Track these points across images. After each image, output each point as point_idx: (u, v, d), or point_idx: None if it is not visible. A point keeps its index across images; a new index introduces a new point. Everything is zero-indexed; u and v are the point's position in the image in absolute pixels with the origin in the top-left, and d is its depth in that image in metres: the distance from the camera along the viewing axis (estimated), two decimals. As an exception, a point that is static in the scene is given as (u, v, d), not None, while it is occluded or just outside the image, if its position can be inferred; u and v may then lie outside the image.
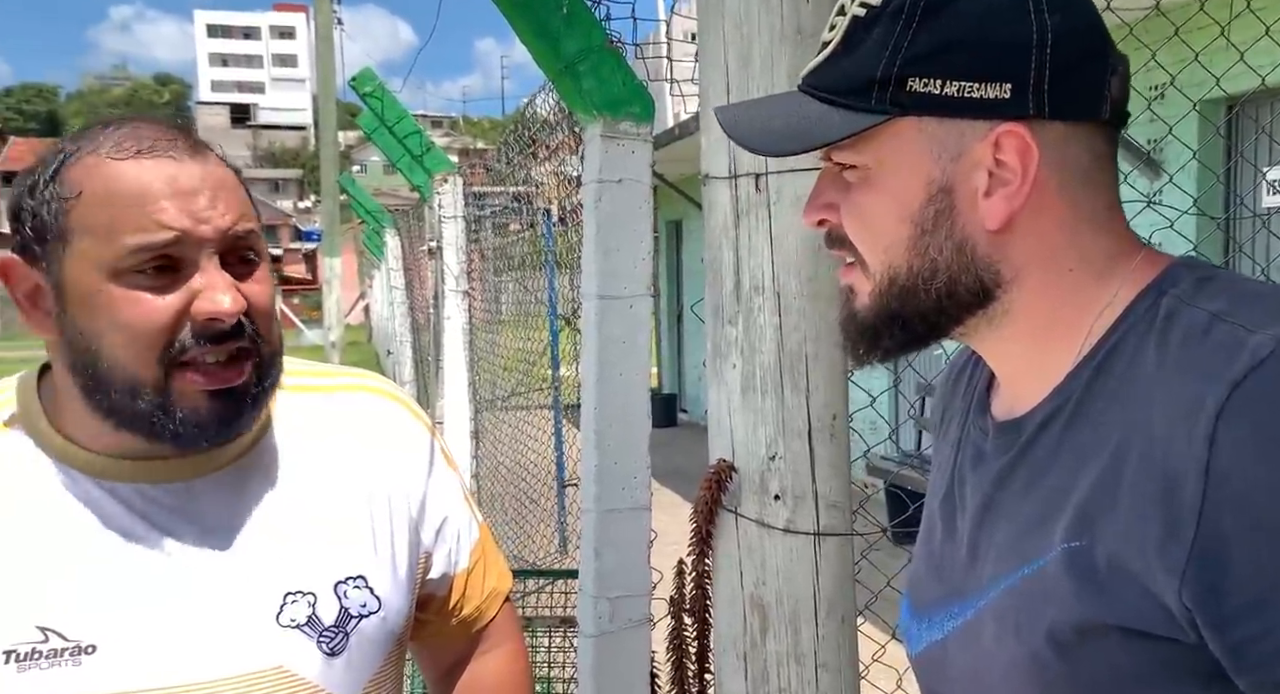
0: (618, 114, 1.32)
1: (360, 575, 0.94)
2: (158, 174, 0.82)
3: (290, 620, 0.89)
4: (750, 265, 1.27)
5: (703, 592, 1.29)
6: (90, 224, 0.81)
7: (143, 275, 0.82)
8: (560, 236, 4.82)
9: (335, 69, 14.63)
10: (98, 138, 0.84)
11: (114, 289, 0.81)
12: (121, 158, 0.82)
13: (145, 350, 0.82)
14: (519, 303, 5.32)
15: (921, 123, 0.68)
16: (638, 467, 1.36)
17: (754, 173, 1.26)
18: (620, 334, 1.34)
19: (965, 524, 0.75)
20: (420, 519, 1.02)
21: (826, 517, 1.23)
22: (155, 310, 0.82)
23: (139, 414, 0.83)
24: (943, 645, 0.74)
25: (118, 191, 0.81)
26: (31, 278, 0.85)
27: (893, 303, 0.71)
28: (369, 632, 0.93)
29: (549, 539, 4.04)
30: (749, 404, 1.26)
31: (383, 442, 1.02)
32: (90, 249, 0.81)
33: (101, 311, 0.82)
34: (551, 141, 4.42)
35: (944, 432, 0.85)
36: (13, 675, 0.81)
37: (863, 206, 0.71)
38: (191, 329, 0.83)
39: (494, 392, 5.04)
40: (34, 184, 0.83)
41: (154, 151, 0.83)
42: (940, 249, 0.69)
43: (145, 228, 0.81)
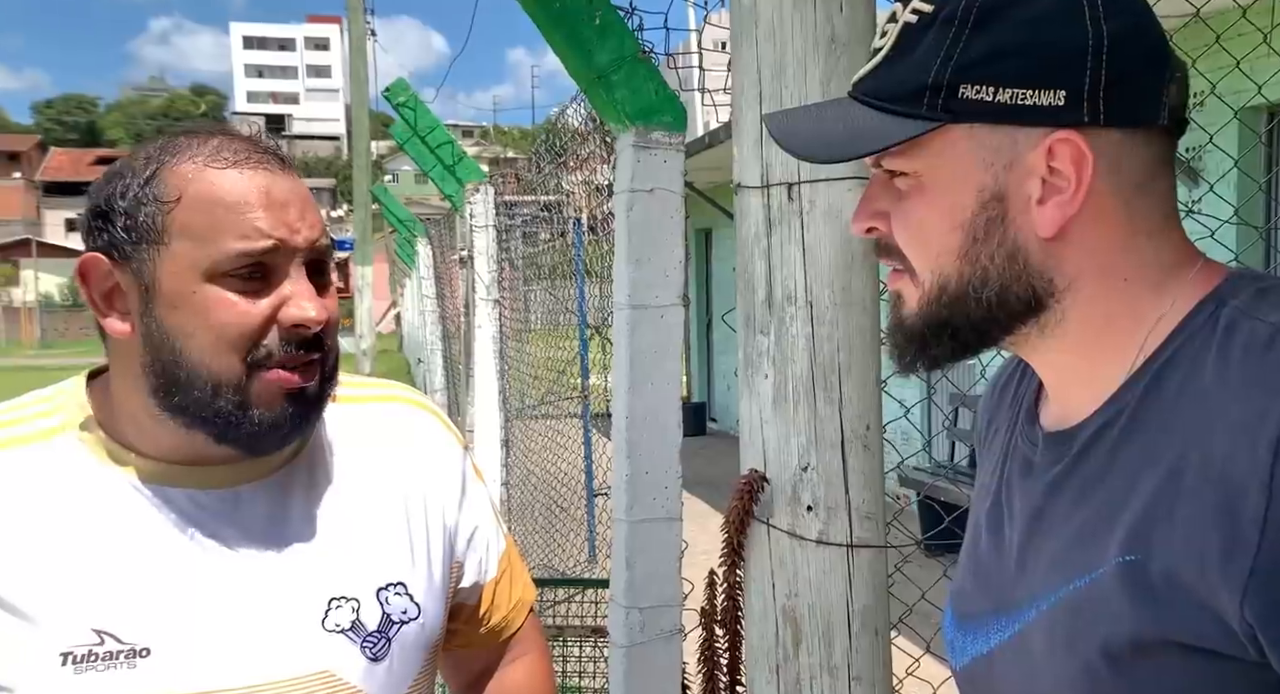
0: (650, 123, 1.32)
1: (400, 582, 0.95)
2: (255, 184, 0.86)
3: (335, 625, 0.90)
4: (782, 275, 1.26)
5: (734, 603, 1.28)
6: (189, 227, 0.85)
7: (236, 279, 0.85)
8: (591, 246, 4.83)
9: (368, 80, 14.79)
10: (191, 147, 0.87)
11: (208, 290, 0.84)
12: (220, 167, 0.86)
13: (232, 351, 0.85)
14: (549, 311, 5.34)
15: (974, 130, 0.67)
16: (669, 476, 1.35)
17: (786, 182, 1.25)
18: (651, 344, 1.34)
19: (1013, 535, 0.74)
20: (453, 529, 1.04)
21: (860, 528, 1.22)
22: (247, 313, 0.85)
23: (218, 413, 0.85)
24: (989, 659, 0.73)
25: (218, 198, 0.85)
26: (112, 277, 0.87)
27: (942, 311, 0.70)
28: (409, 638, 0.95)
29: (579, 548, 4.03)
30: (781, 414, 1.25)
31: (416, 452, 1.03)
32: (188, 251, 0.84)
33: (193, 312, 0.85)
34: (582, 151, 4.44)
35: (990, 442, 0.84)
36: (70, 677, 0.82)
37: (913, 214, 0.70)
38: (278, 334, 0.86)
39: (523, 400, 5.05)
40: (125, 187, 0.86)
41: (250, 162, 0.87)
42: (992, 257, 0.68)
43: (246, 234, 0.85)
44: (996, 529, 0.76)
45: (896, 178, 0.71)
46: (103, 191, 0.87)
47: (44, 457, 0.88)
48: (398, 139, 4.05)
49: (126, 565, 0.86)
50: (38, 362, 25.94)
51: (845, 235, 1.24)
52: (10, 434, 0.89)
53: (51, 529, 0.85)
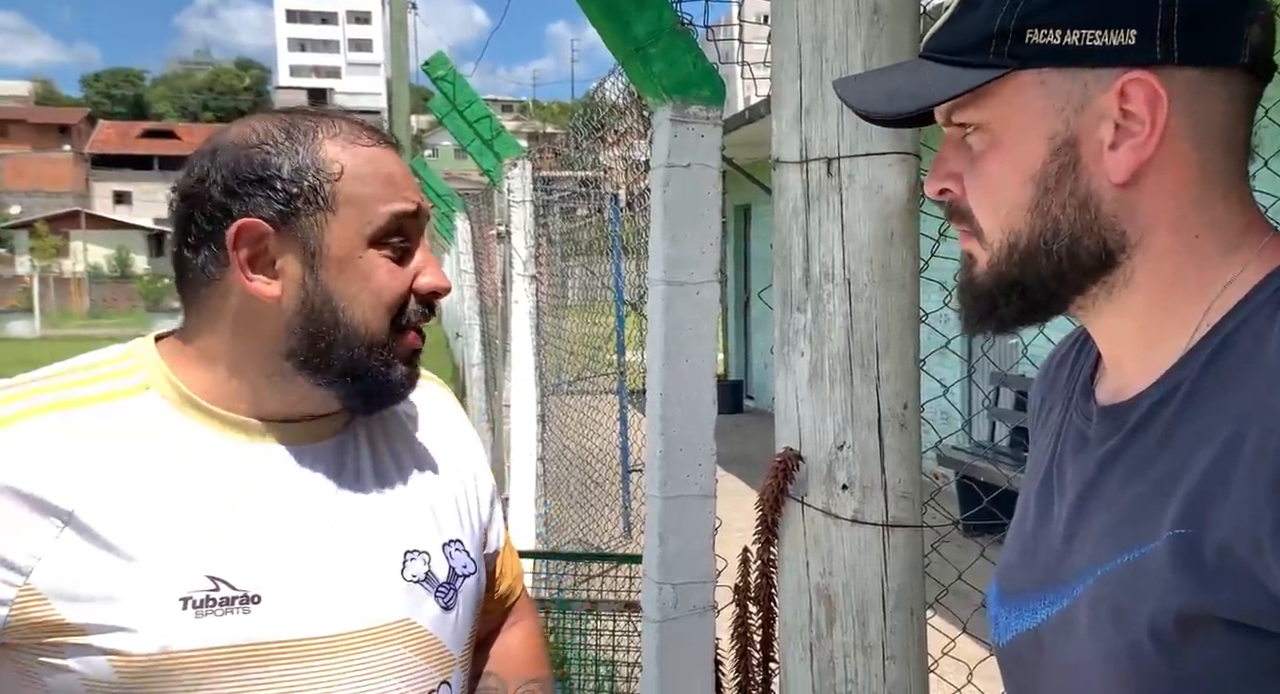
0: (687, 97, 1.31)
1: (459, 539, 1.02)
2: (395, 160, 0.97)
3: (412, 576, 0.96)
4: (820, 252, 1.25)
5: (768, 580, 1.28)
6: (354, 197, 0.92)
7: (389, 247, 0.94)
8: (627, 222, 4.81)
9: (409, 53, 14.81)
10: (328, 126, 0.95)
11: (372, 255, 0.93)
12: (367, 144, 0.95)
13: (386, 312, 0.93)
14: (585, 288, 5.34)
15: (1043, 75, 0.66)
16: (703, 453, 1.35)
17: (826, 157, 1.24)
18: (687, 320, 1.33)
19: (1062, 510, 0.72)
20: (482, 498, 1.11)
21: (896, 508, 1.21)
22: (400, 278, 0.94)
23: (368, 370, 0.93)
24: (1035, 634, 0.72)
25: (374, 172, 0.94)
26: (264, 242, 0.91)
27: (1013, 269, 0.69)
28: (470, 591, 1.02)
29: (614, 524, 4.05)
30: (817, 393, 1.24)
31: (448, 424, 1.11)
32: (354, 218, 0.92)
33: (358, 275, 0.92)
34: (620, 126, 4.41)
35: (1044, 419, 0.83)
36: (190, 621, 0.85)
37: (987, 171, 0.69)
38: (416, 298, 0.95)
39: (559, 376, 5.06)
40: (279, 160, 0.92)
41: (383, 144, 0.97)
42: (1063, 206, 0.67)
43: (398, 201, 0.94)
44: (1045, 505, 0.75)
45: (969, 135, 0.70)
46: (245, 161, 0.92)
47: (137, 411, 0.91)
48: (436, 113, 4.05)
49: (232, 514, 0.90)
50: (87, 332, 26.47)
51: (885, 211, 1.22)
52: (103, 389, 0.92)
53: (156, 479, 0.88)
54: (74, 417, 0.88)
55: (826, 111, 1.23)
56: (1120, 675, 0.62)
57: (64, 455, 0.86)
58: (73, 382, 0.92)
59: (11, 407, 0.87)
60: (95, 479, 0.86)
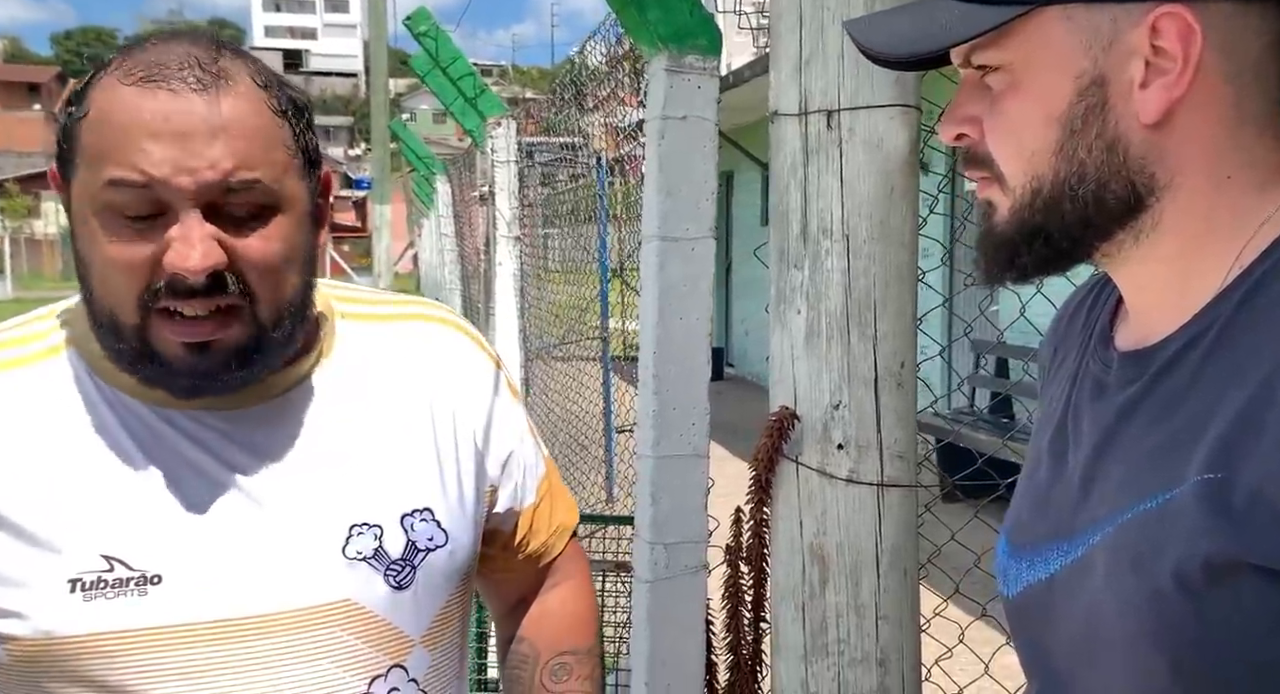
0: (683, 46, 1.27)
1: (427, 508, 0.92)
2: (153, 108, 0.76)
3: (357, 553, 0.87)
4: (818, 207, 1.22)
5: (760, 540, 1.26)
6: (87, 149, 0.78)
7: (121, 217, 0.77)
8: (610, 187, 4.76)
9: (388, 14, 14.57)
10: (127, 56, 0.79)
11: (96, 223, 0.78)
12: (127, 82, 0.77)
13: (123, 292, 0.79)
14: (565, 253, 5.29)
15: (1068, 10, 0.63)
16: (696, 413, 1.33)
17: (826, 109, 1.21)
18: (681, 277, 1.31)
19: (1078, 459, 0.70)
20: (485, 452, 0.99)
21: (891, 467, 1.20)
22: (129, 253, 0.77)
23: (121, 353, 0.81)
24: (1048, 585, 0.70)
25: (110, 121, 0.76)
26: (65, 191, 0.83)
27: (1036, 216, 0.66)
28: (436, 565, 0.92)
29: (599, 487, 4.04)
30: (813, 351, 1.22)
31: (447, 373, 0.98)
32: (84, 177, 0.78)
33: (89, 244, 0.79)
34: (601, 91, 4.35)
35: (1055, 372, 0.81)
36: (79, 605, 0.79)
37: (1007, 112, 0.66)
38: (164, 281, 0.78)
39: (542, 339, 5.03)
40: (68, 98, 0.81)
41: (160, 80, 0.76)
42: (1090, 149, 0.64)
43: (122, 165, 0.75)
44: (1059, 455, 0.73)
45: (988, 76, 0.67)
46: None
47: (50, 375, 0.85)
48: (418, 70, 3.97)
49: (133, 489, 0.82)
50: (60, 293, 26.05)
51: (886, 166, 1.20)
52: (17, 354, 0.86)
53: (58, 451, 0.82)
54: None
55: (826, 62, 1.20)
56: (1141, 623, 0.61)
57: None
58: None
59: None
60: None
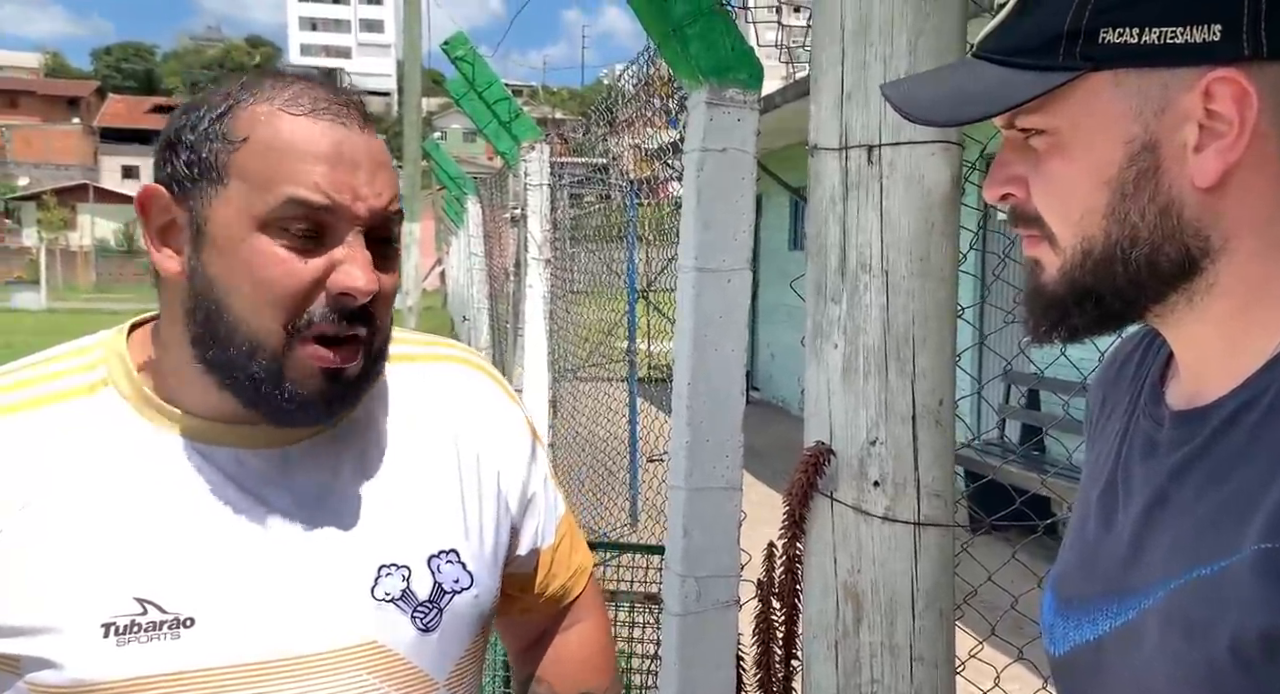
0: (724, 80, 1.28)
1: (453, 550, 0.92)
2: (326, 136, 0.81)
3: (385, 594, 0.87)
4: (858, 242, 1.22)
5: (793, 576, 1.25)
6: (249, 170, 0.80)
7: (289, 235, 0.79)
8: (640, 210, 4.77)
9: (422, 35, 14.74)
10: (271, 89, 0.82)
11: (259, 241, 0.79)
12: (295, 113, 0.81)
13: (275, 312, 0.80)
14: (592, 274, 5.30)
15: (1118, 76, 0.62)
16: (730, 446, 1.32)
17: (866, 144, 1.21)
18: (717, 308, 1.30)
19: (1128, 517, 0.69)
20: (509, 494, 1.00)
21: (928, 506, 1.18)
22: (296, 272, 0.79)
23: (250, 377, 0.80)
24: (1096, 647, 0.69)
25: (284, 144, 0.80)
26: (171, 212, 0.82)
27: (1086, 277, 0.65)
28: (461, 608, 0.91)
29: (623, 510, 4.03)
30: (850, 386, 1.21)
31: (473, 416, 0.99)
32: (243, 195, 0.79)
33: (240, 262, 0.79)
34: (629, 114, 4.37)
35: (1102, 424, 0.79)
36: (111, 650, 0.78)
37: (1054, 175, 0.66)
38: (325, 300, 0.80)
39: (567, 362, 5.03)
40: (197, 121, 0.82)
41: (328, 113, 0.81)
42: (1142, 213, 0.63)
43: (305, 184, 0.79)
44: (1109, 512, 0.72)
45: (1032, 138, 0.66)
46: (175, 123, 0.83)
47: (85, 413, 0.84)
48: (454, 93, 4.01)
49: (170, 530, 0.81)
50: (93, 305, 26.49)
51: (926, 201, 1.19)
52: (49, 390, 0.84)
53: (92, 491, 0.81)
54: (15, 423, 0.82)
55: (869, 97, 1.20)
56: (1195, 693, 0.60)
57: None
58: (26, 380, 0.85)
59: None
60: (30, 494, 0.79)
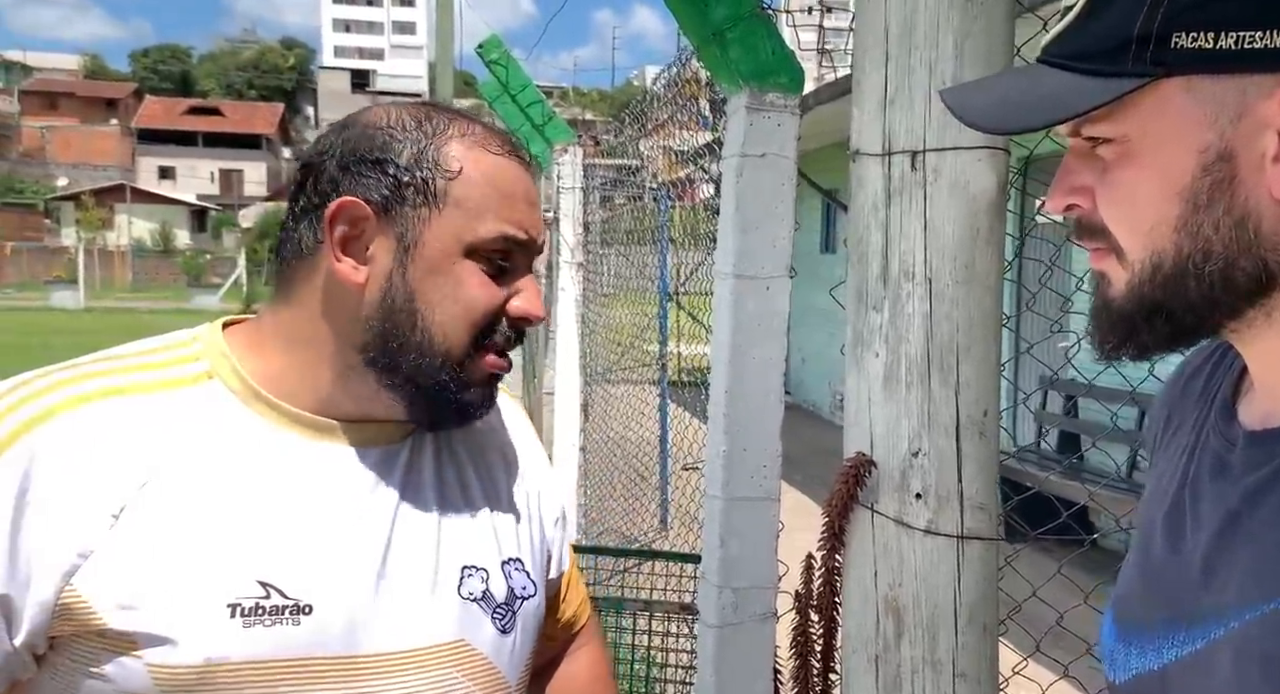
0: (764, 84, 1.26)
1: (519, 558, 0.96)
2: (521, 179, 0.92)
3: (469, 593, 0.91)
4: (900, 249, 1.20)
5: (832, 589, 1.23)
6: (465, 200, 0.88)
7: (488, 261, 0.89)
8: (671, 212, 4.75)
9: (454, 37, 14.80)
10: (460, 126, 0.91)
11: (466, 265, 0.88)
12: (497, 152, 0.91)
13: (470, 327, 0.88)
14: (623, 277, 5.29)
15: (1191, 82, 0.60)
16: (768, 454, 1.30)
17: (910, 150, 1.18)
18: (756, 315, 1.28)
19: (1197, 541, 0.67)
20: (546, 517, 1.05)
21: (971, 519, 1.16)
22: (494, 295, 0.89)
23: (437, 383, 0.88)
24: (1161, 676, 0.66)
25: (495, 181, 0.89)
26: (364, 225, 0.87)
27: (1156, 292, 0.63)
28: (529, 614, 0.95)
29: (653, 515, 4.01)
30: (892, 396, 1.19)
31: (516, 439, 1.06)
32: (458, 222, 0.87)
33: (449, 281, 0.87)
34: (662, 117, 4.36)
35: (1168, 440, 0.77)
36: (237, 630, 0.80)
37: (1123, 185, 0.63)
38: (507, 321, 0.90)
39: (598, 364, 5.03)
40: (401, 146, 0.88)
41: (517, 157, 0.93)
42: (1216, 226, 0.60)
43: (511, 221, 0.89)
44: (1176, 534, 0.69)
45: (1099, 146, 0.64)
46: (368, 140, 0.89)
47: (194, 402, 0.86)
48: (487, 96, 4.01)
49: (284, 518, 0.84)
50: (129, 304, 26.86)
51: (971, 208, 1.17)
52: (157, 377, 0.87)
53: (208, 475, 0.83)
54: (131, 404, 0.84)
55: (913, 101, 1.18)
56: None
57: (117, 447, 0.81)
58: (133, 366, 0.87)
59: (63, 392, 0.82)
60: (149, 473, 0.81)
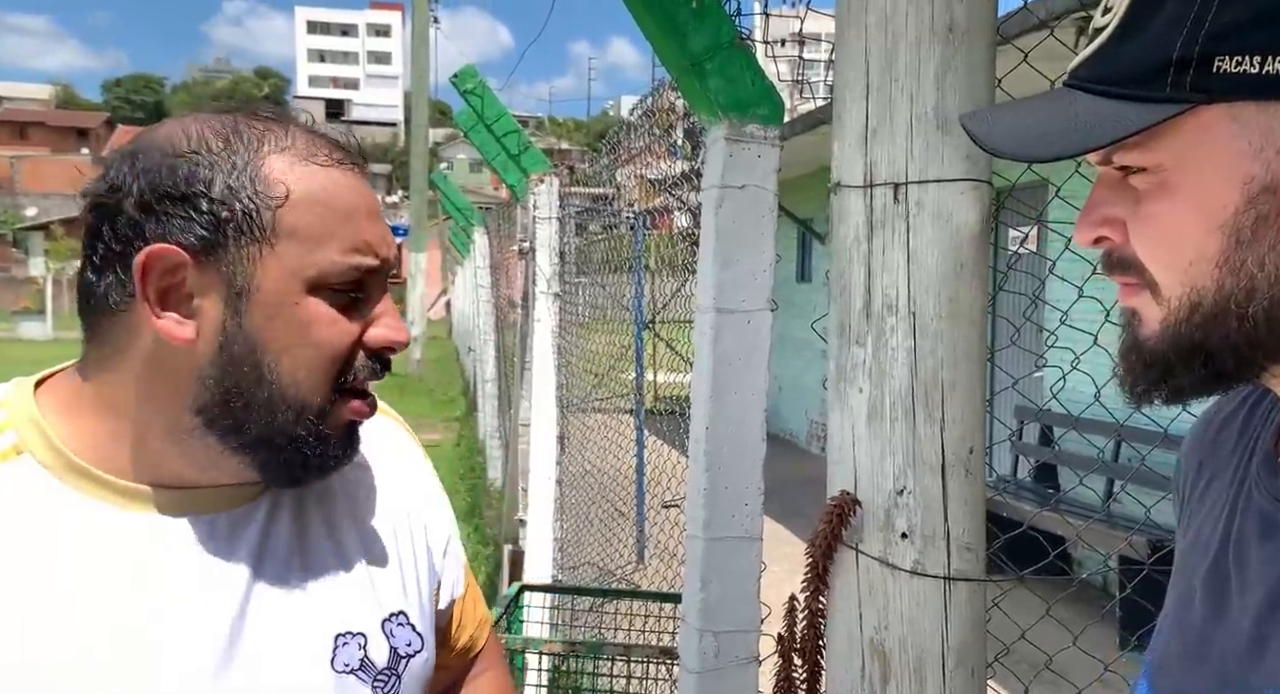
0: (744, 115, 1.24)
1: (402, 611, 0.87)
2: (360, 190, 0.80)
3: (345, 665, 0.81)
4: (883, 282, 1.17)
5: (816, 632, 1.20)
6: (299, 229, 0.76)
7: (337, 294, 0.77)
8: (646, 240, 4.74)
9: (430, 67, 14.84)
10: (277, 137, 0.78)
11: (310, 303, 0.76)
12: (323, 163, 0.78)
13: (328, 372, 0.77)
14: (597, 306, 5.27)
15: (1235, 110, 0.56)
16: (750, 492, 1.27)
17: (893, 182, 1.16)
18: (736, 350, 1.25)
19: (1246, 604, 0.63)
20: (435, 547, 0.96)
21: (959, 560, 1.13)
22: (347, 332, 0.78)
23: (293, 439, 0.77)
24: None
25: (331, 200, 0.77)
26: (180, 273, 0.74)
27: (1194, 332, 0.59)
28: (416, 672, 0.86)
29: (630, 549, 3.95)
30: (876, 433, 1.16)
31: (393, 465, 0.95)
32: (294, 255, 0.75)
33: (293, 324, 0.76)
34: (636, 147, 4.37)
35: (1203, 488, 0.72)
36: None
37: (1159, 217, 0.59)
38: (365, 354, 0.79)
39: (573, 394, 4.99)
40: (210, 174, 0.74)
41: (348, 165, 0.80)
42: (1261, 263, 0.56)
43: (357, 247, 0.78)
44: (1219, 595, 0.65)
45: (1133, 176, 0.60)
46: (168, 171, 0.74)
47: (3, 482, 0.76)
48: (462, 125, 3.99)
49: (110, 611, 0.74)
50: (98, 335, 26.45)
51: (955, 241, 1.15)
52: None
53: (21, 572, 0.73)
54: None
55: (894, 133, 1.16)
56: None
57: None
58: None
59: None
60: None
